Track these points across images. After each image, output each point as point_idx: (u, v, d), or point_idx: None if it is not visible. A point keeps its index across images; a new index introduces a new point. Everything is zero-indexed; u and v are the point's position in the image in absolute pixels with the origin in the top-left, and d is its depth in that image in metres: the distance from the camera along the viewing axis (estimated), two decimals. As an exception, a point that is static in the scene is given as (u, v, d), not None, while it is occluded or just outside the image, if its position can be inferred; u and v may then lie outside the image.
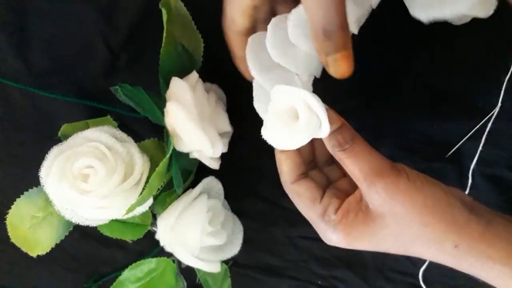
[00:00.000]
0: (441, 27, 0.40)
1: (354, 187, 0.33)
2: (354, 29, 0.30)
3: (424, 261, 0.47)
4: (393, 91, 0.42)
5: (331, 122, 0.30)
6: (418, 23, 0.34)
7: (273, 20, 0.32)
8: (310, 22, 0.27)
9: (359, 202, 0.31)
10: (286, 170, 0.33)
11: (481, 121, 0.41)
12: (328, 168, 0.36)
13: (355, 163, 0.30)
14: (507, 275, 0.28)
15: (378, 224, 0.30)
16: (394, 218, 0.29)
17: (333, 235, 0.32)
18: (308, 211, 0.33)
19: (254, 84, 0.34)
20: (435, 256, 0.30)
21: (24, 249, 0.39)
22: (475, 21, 0.39)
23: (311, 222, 0.34)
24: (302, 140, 0.31)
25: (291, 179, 0.33)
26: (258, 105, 0.34)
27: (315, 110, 0.30)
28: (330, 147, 0.31)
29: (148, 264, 0.43)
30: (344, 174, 0.35)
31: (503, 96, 0.40)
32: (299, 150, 0.33)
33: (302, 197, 0.33)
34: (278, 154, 0.34)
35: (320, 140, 0.32)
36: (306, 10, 0.27)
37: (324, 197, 0.33)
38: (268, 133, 0.32)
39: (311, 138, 0.31)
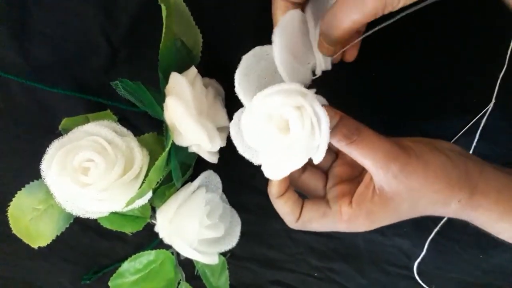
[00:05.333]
0: (438, 24, 0.40)
1: (352, 168, 0.34)
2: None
3: (419, 254, 0.48)
4: (388, 87, 0.42)
5: (329, 118, 0.29)
6: (414, 21, 0.35)
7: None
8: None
9: (369, 186, 0.32)
10: (288, 212, 0.34)
11: (475, 117, 0.42)
12: None
13: (367, 153, 0.30)
14: (493, 219, 0.32)
15: (396, 201, 0.31)
16: (410, 193, 0.31)
17: (359, 227, 0.33)
18: (327, 226, 0.34)
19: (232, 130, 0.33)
20: (442, 213, 0.32)
21: (25, 241, 0.39)
22: (470, 19, 0.39)
23: (333, 230, 0.34)
24: (301, 157, 0.30)
25: (296, 217, 0.34)
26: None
27: (312, 109, 0.28)
28: (336, 142, 0.31)
29: (147, 256, 0.44)
30: (337, 156, 0.36)
31: (497, 92, 0.40)
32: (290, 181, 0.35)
33: (313, 221, 0.34)
34: (274, 202, 0.35)
35: None
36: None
37: (330, 203, 0.34)
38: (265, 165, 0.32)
39: (313, 152, 0.30)
